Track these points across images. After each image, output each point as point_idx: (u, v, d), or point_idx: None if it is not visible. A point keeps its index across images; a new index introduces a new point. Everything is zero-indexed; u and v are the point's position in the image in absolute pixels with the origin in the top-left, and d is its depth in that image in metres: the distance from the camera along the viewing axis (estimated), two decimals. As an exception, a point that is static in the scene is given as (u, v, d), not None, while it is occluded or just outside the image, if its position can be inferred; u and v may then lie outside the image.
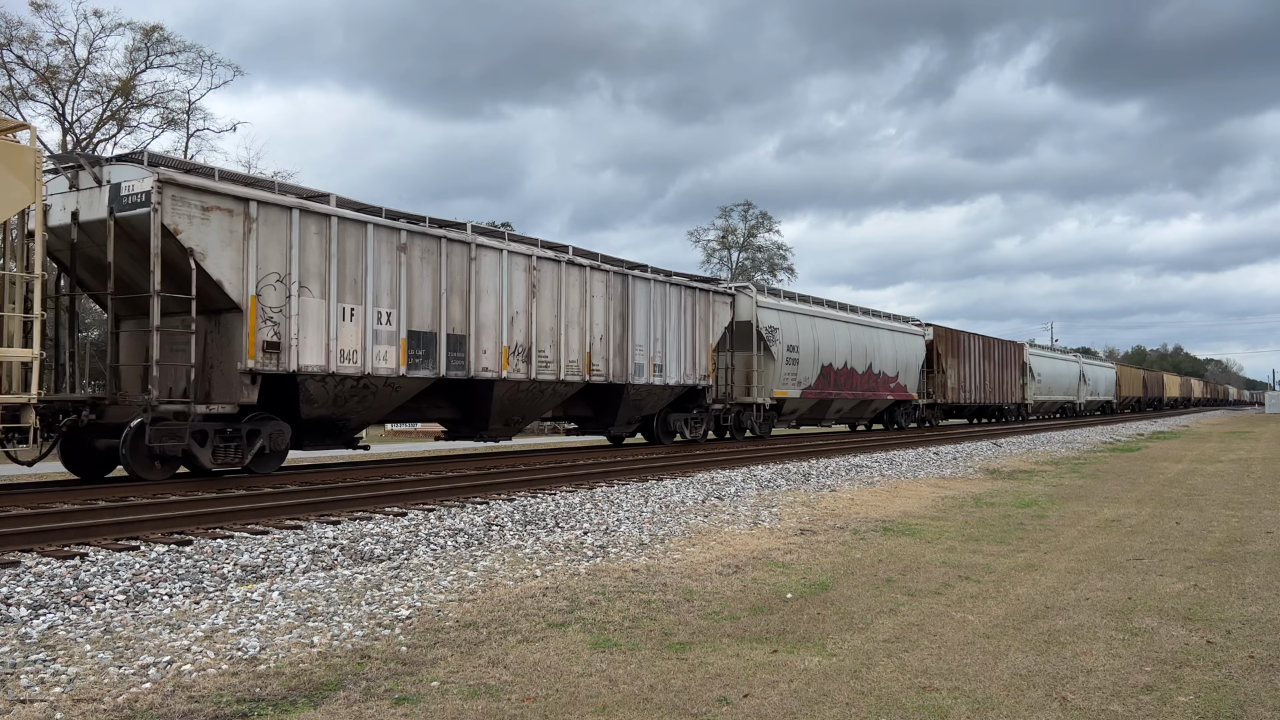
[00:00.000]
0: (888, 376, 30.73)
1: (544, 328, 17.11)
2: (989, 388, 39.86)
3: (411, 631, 5.70)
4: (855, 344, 28.57)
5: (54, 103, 34.23)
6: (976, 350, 38.58)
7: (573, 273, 17.98)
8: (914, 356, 32.83)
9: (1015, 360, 43.99)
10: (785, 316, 25.06)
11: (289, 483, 12.75)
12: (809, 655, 5.29)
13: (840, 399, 27.88)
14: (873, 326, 30.24)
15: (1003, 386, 41.75)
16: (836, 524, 10.44)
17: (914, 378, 32.73)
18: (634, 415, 20.39)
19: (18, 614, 5.95)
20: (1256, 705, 4.50)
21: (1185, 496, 13.66)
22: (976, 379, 38.33)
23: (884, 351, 30.51)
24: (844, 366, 27.74)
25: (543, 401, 17.69)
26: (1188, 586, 7.23)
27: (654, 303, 20.15)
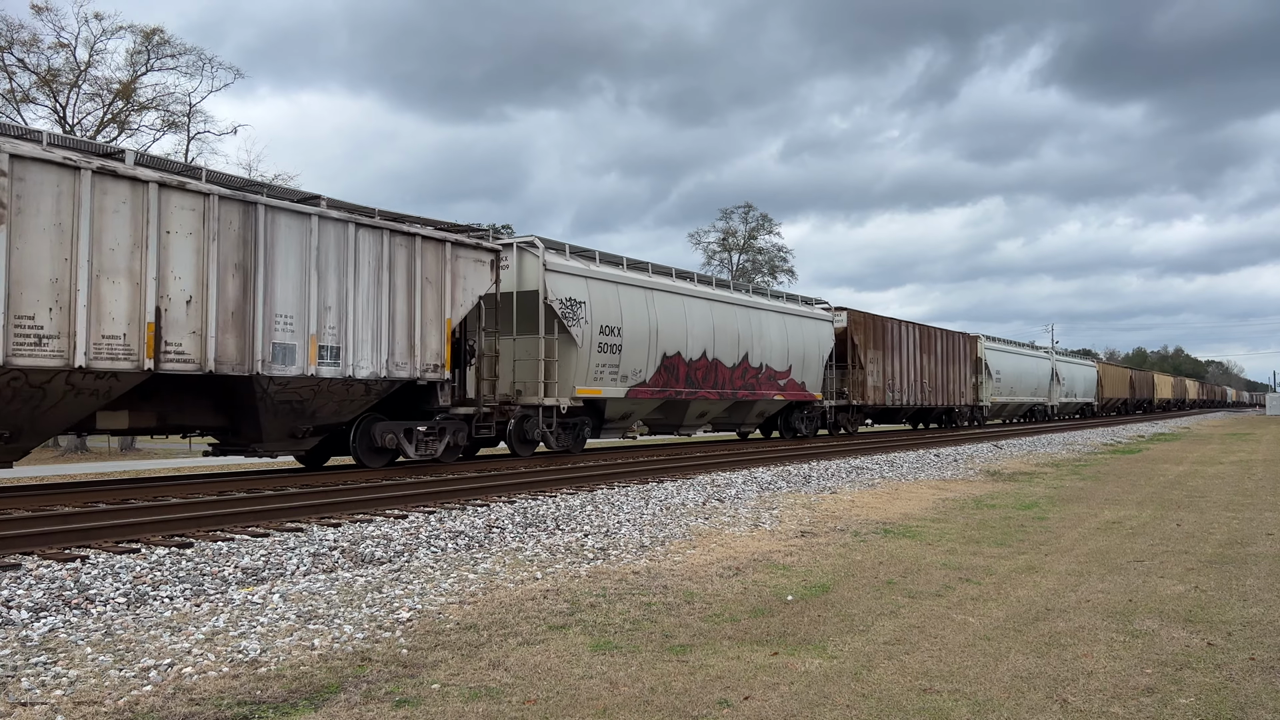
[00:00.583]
0: (775, 372, 24.27)
1: (34, 280, 10.03)
2: (929, 387, 33.88)
3: (412, 634, 5.70)
4: (722, 329, 22.20)
5: (55, 106, 34.27)
6: (910, 342, 32.32)
7: (116, 193, 10.73)
8: (816, 347, 26.35)
9: (965, 355, 37.76)
10: (598, 287, 18.43)
11: (289, 485, 12.75)
12: (810, 657, 5.29)
13: (700, 400, 21.56)
14: (750, 307, 23.65)
15: (949, 385, 35.67)
16: (837, 526, 10.44)
17: (816, 373, 26.36)
18: (298, 425, 13.25)
19: (19, 616, 5.95)
20: (1257, 707, 4.50)
21: (1186, 498, 13.65)
22: (910, 376, 32.11)
23: (769, 340, 24.02)
24: (702, 358, 21.35)
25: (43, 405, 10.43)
26: (1188, 588, 7.23)
27: (322, 252, 13.04)
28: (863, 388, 29.01)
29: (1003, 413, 44.53)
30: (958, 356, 36.78)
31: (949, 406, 36.23)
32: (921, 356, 33.27)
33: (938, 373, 34.70)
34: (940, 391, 34.98)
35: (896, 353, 31.28)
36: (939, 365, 34.75)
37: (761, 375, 23.93)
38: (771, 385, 24.41)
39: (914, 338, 32.90)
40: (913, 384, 32.59)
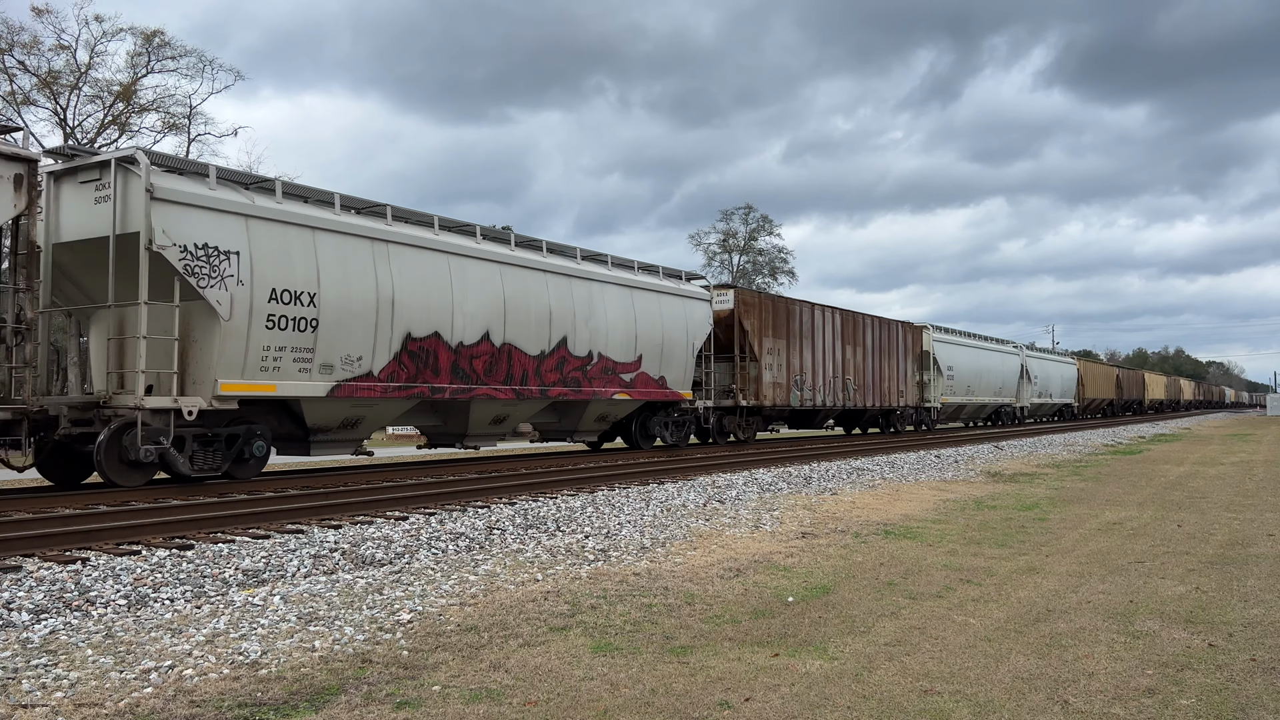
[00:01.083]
0: (614, 363, 18.72)
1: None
2: (857, 384, 28.31)
3: (413, 635, 5.70)
4: (519, 303, 16.31)
5: (55, 108, 34.31)
6: (827, 330, 26.72)
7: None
8: (683, 334, 20.83)
9: (907, 347, 32.20)
10: (268, 232, 12.60)
11: (290, 487, 12.75)
12: (810, 659, 5.29)
13: (485, 400, 15.82)
14: (573, 277, 17.85)
15: (883, 383, 30.21)
16: (838, 527, 10.44)
17: (683, 367, 20.81)
18: None
19: (19, 619, 5.95)
20: (1258, 708, 4.50)
21: (1187, 499, 13.65)
22: (828, 371, 26.55)
23: (605, 322, 18.44)
24: (483, 342, 15.52)
25: None
26: (1189, 589, 7.22)
27: None
28: (757, 385, 23.10)
29: (959, 415, 39.16)
30: (895, 349, 31.28)
31: (885, 408, 30.80)
32: (844, 348, 27.65)
33: (868, 368, 29.12)
34: (872, 390, 29.45)
35: (807, 343, 25.55)
36: (870, 359, 29.27)
37: (592, 368, 18.13)
38: (610, 381, 18.64)
39: (833, 325, 27.11)
40: (831, 381, 26.82)
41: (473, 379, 15.51)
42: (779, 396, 24.25)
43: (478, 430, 16.70)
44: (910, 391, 32.63)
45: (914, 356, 33.05)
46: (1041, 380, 47.37)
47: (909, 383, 32.62)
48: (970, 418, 41.18)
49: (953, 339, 36.58)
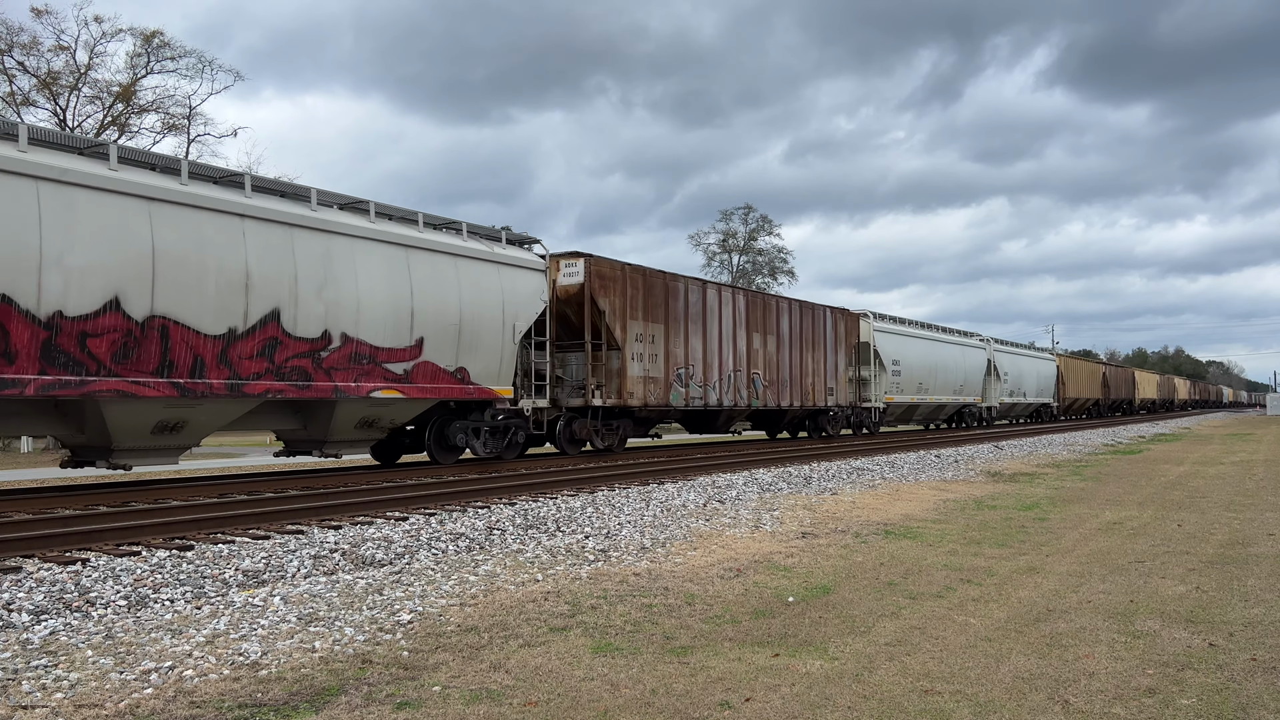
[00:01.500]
0: (376, 350, 13.88)
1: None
2: (769, 380, 23.89)
3: (413, 636, 5.70)
4: (194, 260, 11.64)
5: (55, 109, 34.30)
6: (727, 315, 22.18)
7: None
8: (497, 313, 15.88)
9: (839, 339, 27.61)
10: None
11: (290, 487, 12.75)
12: (811, 659, 5.29)
13: (121, 397, 10.94)
14: (305, 228, 13.06)
15: (806, 380, 25.65)
16: (838, 527, 10.44)
17: (497, 356, 15.93)
18: None
19: (19, 619, 5.95)
20: (1259, 708, 4.50)
21: (1187, 499, 13.65)
22: (728, 365, 22.19)
23: (361, 292, 13.63)
24: (106, 312, 10.69)
25: None
26: (1190, 589, 7.22)
27: None
28: (620, 380, 18.46)
29: (912, 417, 34.46)
30: (822, 339, 26.74)
31: (810, 408, 26.35)
32: (751, 337, 23.18)
33: (785, 361, 24.67)
34: (790, 387, 24.91)
35: (696, 329, 21.11)
36: (788, 350, 24.80)
37: (332, 355, 13.21)
38: (367, 373, 13.69)
39: (734, 309, 22.64)
40: (733, 376, 22.40)
41: (89, 367, 10.55)
42: (654, 394, 19.51)
43: (129, 444, 11.67)
44: (843, 389, 27.94)
45: (848, 348, 28.35)
46: (1013, 378, 42.89)
47: (840, 379, 27.79)
48: (927, 419, 36.40)
49: (899, 329, 31.97)
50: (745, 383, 23.13)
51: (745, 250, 66.96)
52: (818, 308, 27.06)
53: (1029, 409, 46.91)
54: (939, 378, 34.39)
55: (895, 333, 31.64)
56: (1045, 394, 48.14)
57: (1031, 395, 45.83)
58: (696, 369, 21.26)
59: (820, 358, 26.81)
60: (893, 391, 30.87)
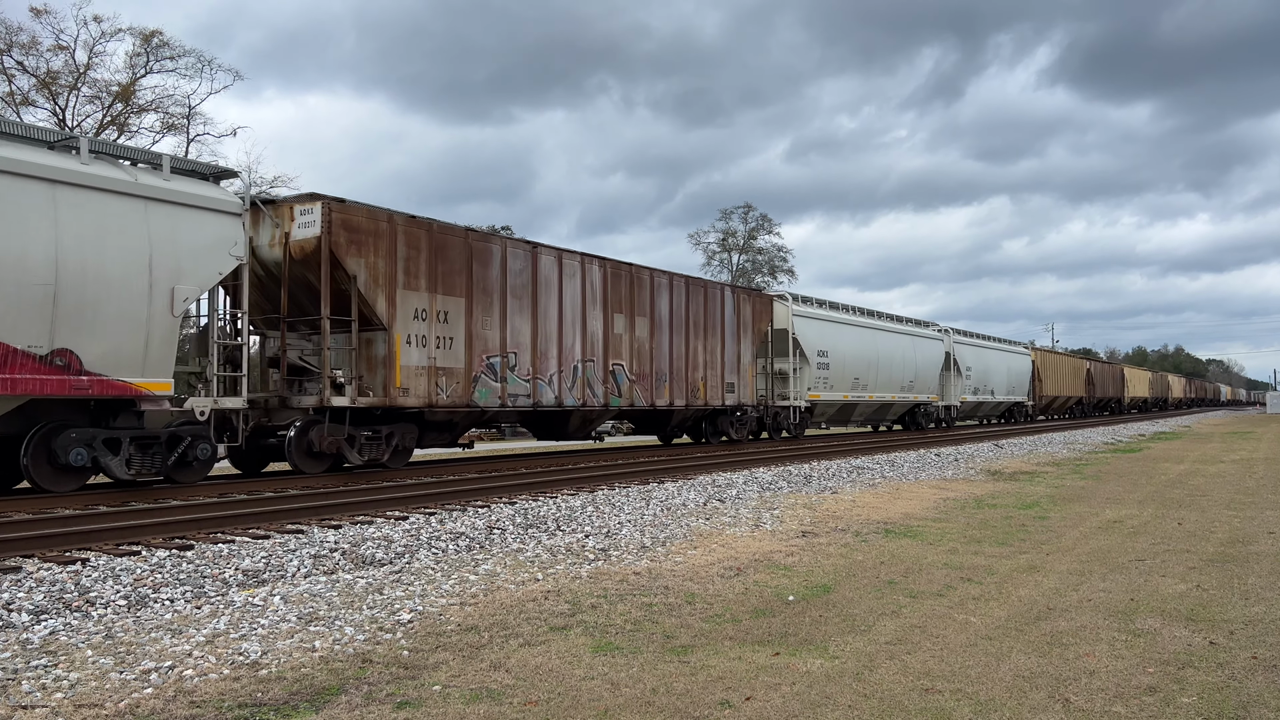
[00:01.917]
0: None
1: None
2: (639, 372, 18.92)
3: (413, 635, 5.70)
4: None
5: (54, 108, 34.28)
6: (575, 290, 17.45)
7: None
8: (137, 270, 10.92)
9: (744, 324, 22.76)
10: None
11: (290, 486, 12.75)
12: (811, 658, 5.28)
13: None
14: None
15: (696, 374, 20.79)
16: (838, 526, 10.43)
17: (136, 337, 10.89)
18: None
19: (19, 619, 5.94)
20: (1260, 706, 4.49)
21: (1187, 497, 13.64)
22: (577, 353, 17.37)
23: None
24: None
25: None
26: (1190, 587, 7.22)
27: None
28: (387, 372, 13.78)
29: (849, 417, 29.47)
30: (720, 325, 21.85)
31: (702, 407, 21.33)
32: (611, 319, 18.21)
33: (665, 351, 19.78)
34: (673, 383, 20.04)
35: (520, 306, 16.02)
36: (670, 337, 19.99)
37: None
38: None
39: (583, 283, 17.53)
40: (580, 368, 17.30)
41: None
42: (446, 391, 14.64)
43: None
44: (748, 385, 22.95)
45: (756, 336, 23.49)
46: (978, 374, 38.06)
47: (745, 373, 22.80)
48: (871, 420, 31.61)
49: (828, 315, 27.22)
50: (602, 376, 17.96)
51: (745, 249, 66.96)
52: (713, 285, 22.42)
53: (999, 409, 42.49)
54: (882, 373, 29.56)
55: (822, 319, 26.67)
56: (1018, 392, 43.60)
57: (1001, 393, 41.13)
58: (521, 358, 15.96)
59: (716, 346, 21.82)
60: (819, 388, 25.81)
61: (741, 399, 22.85)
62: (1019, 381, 43.40)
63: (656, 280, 20.06)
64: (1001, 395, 41.02)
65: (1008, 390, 41.76)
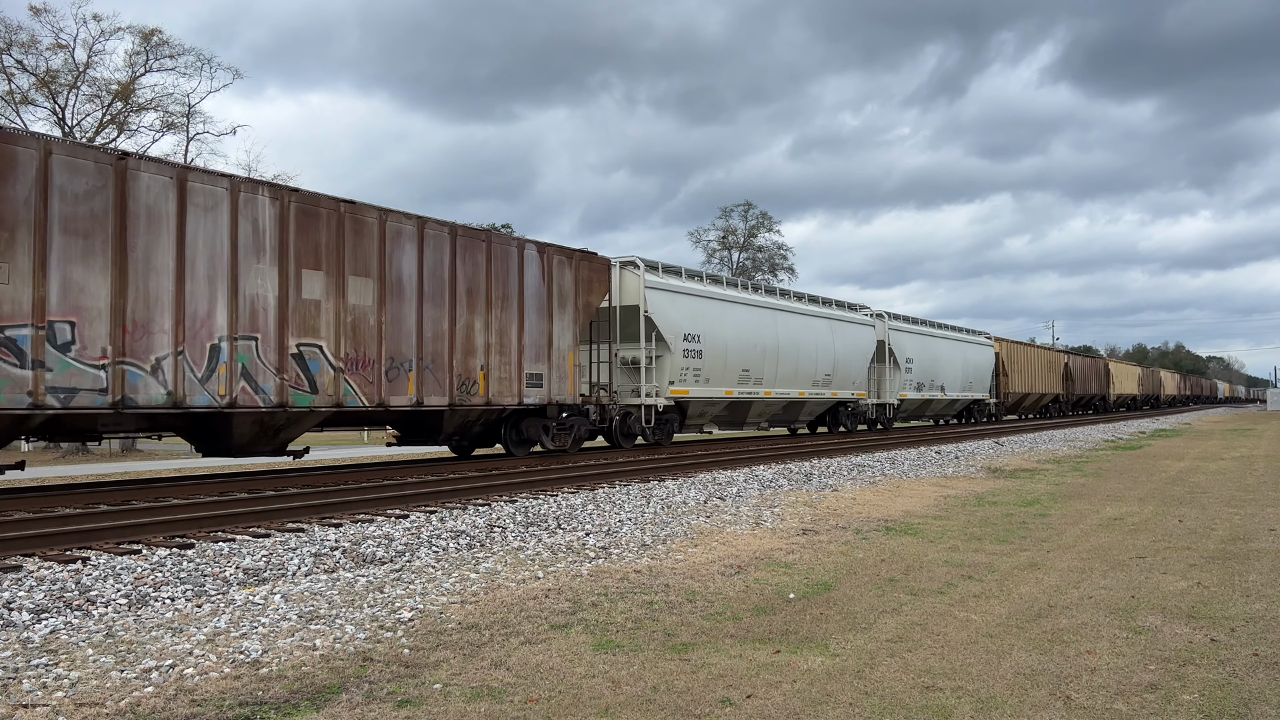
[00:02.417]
0: None
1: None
2: (351, 355, 13.32)
3: (414, 634, 5.69)
4: None
5: (54, 107, 34.26)
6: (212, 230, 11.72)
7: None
8: None
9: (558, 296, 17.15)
10: None
11: (291, 485, 12.75)
12: (812, 655, 5.28)
13: None
14: None
15: (470, 361, 15.36)
16: (839, 524, 10.43)
17: None
18: None
19: (20, 618, 5.94)
20: (1261, 703, 4.49)
21: (1188, 494, 13.64)
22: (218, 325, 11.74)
23: None
24: None
25: None
26: (1191, 584, 7.22)
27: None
28: None
29: (743, 419, 24.00)
30: (516, 297, 16.21)
31: (486, 406, 15.71)
32: (291, 276, 12.72)
33: (412, 326, 14.40)
34: (433, 373, 14.67)
35: (82, 247, 10.56)
36: (421, 309, 14.51)
37: None
38: None
39: (230, 218, 11.99)
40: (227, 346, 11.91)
41: None
42: None
43: None
44: (564, 378, 17.11)
45: (582, 313, 17.60)
46: (923, 367, 32.70)
47: (559, 361, 16.98)
48: (779, 421, 26.03)
49: (696, 289, 21.42)
50: (276, 362, 12.51)
51: (745, 247, 66.96)
52: (504, 240, 16.35)
53: (953, 407, 37.25)
54: (785, 364, 24.25)
55: (691, 294, 21.20)
56: (979, 388, 38.35)
57: (956, 389, 35.60)
58: (87, 330, 10.59)
59: (510, 324, 16.03)
60: (688, 382, 20.65)
61: (556, 395, 17.04)
62: (980, 376, 38.33)
63: (393, 226, 14.09)
64: (956, 391, 35.72)
65: (964, 386, 36.58)
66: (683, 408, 21.22)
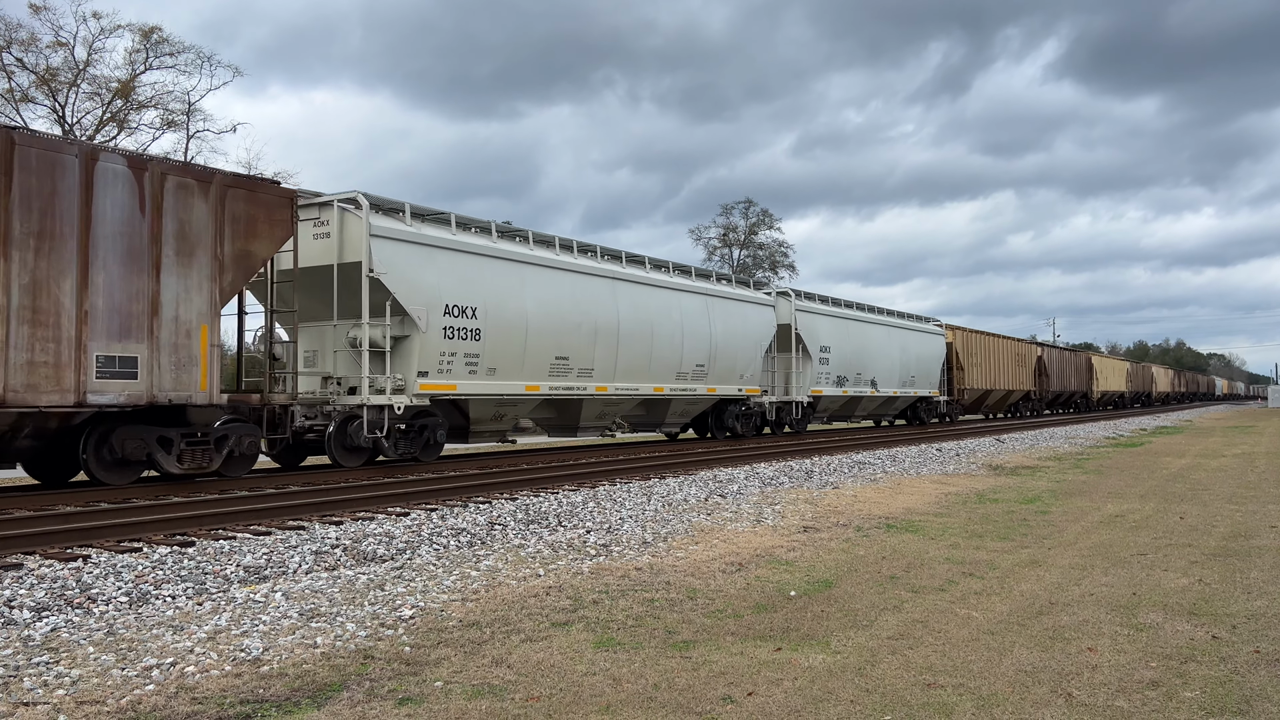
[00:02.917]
0: None
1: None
2: None
3: (415, 631, 5.69)
4: None
5: (54, 105, 34.26)
6: None
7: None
8: None
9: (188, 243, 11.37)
10: None
11: (291, 483, 12.75)
12: (813, 653, 5.28)
13: None
14: None
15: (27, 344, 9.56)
16: (840, 521, 10.43)
17: None
18: None
19: (21, 616, 5.94)
20: (1262, 700, 4.49)
21: (1189, 491, 13.64)
22: None
23: None
24: None
25: None
26: (1192, 581, 7.21)
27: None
28: None
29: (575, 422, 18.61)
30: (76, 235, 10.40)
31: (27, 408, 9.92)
32: None
33: None
34: None
35: None
36: None
37: None
38: None
39: None
40: None
41: None
42: None
43: None
44: (187, 365, 11.58)
45: (229, 269, 12.08)
46: (845, 358, 27.58)
47: (179, 339, 11.50)
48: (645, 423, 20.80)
49: (467, 244, 15.54)
50: None
51: (745, 244, 66.93)
52: (68, 149, 10.68)
53: (891, 406, 31.84)
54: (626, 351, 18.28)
55: (459, 248, 15.27)
56: (923, 384, 32.86)
57: (894, 385, 30.58)
58: None
59: (65, 277, 10.49)
60: (454, 373, 15.07)
61: (169, 390, 11.46)
62: (926, 369, 33.03)
63: None
64: (894, 388, 30.70)
65: (903, 381, 31.34)
66: (463, 409, 15.99)
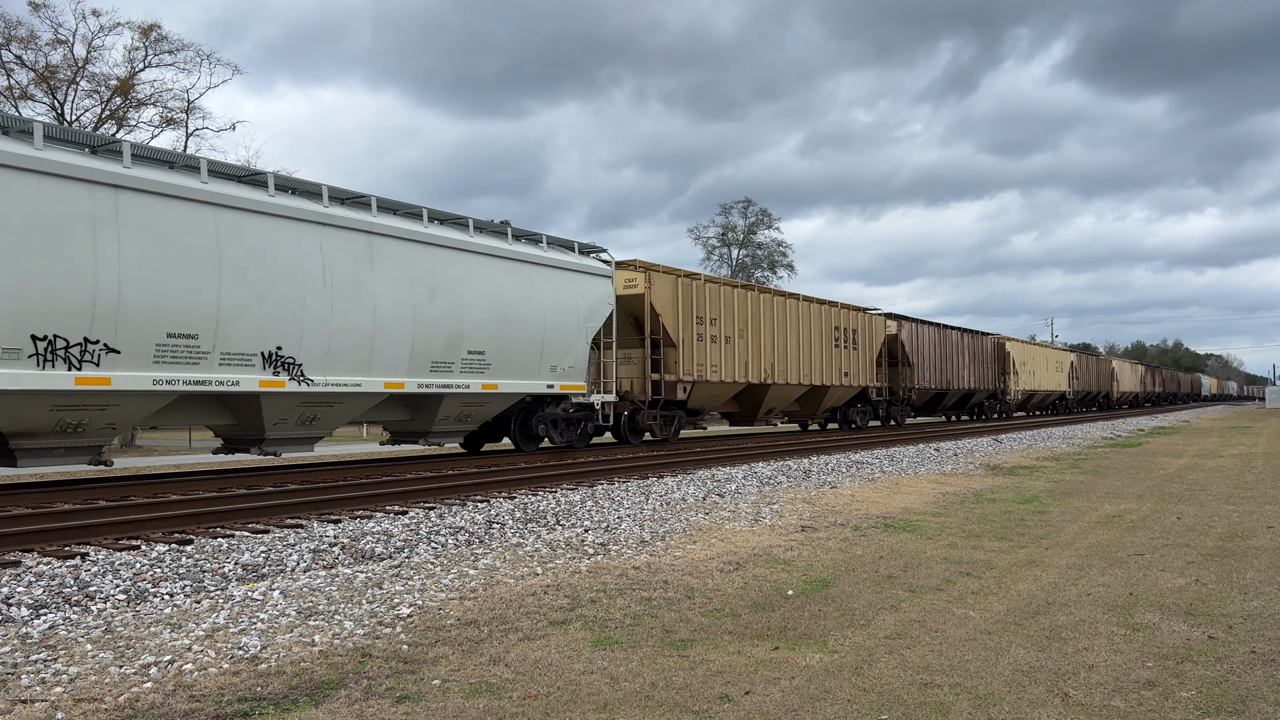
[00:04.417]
0: None
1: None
2: None
3: (413, 630, 5.70)
4: None
5: (53, 102, 34.21)
6: None
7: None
8: None
9: None
10: None
11: (290, 481, 12.75)
12: (810, 652, 5.28)
13: None
14: None
15: None
16: (837, 520, 10.44)
17: None
18: None
19: (19, 614, 5.94)
20: (1259, 700, 4.50)
21: (1186, 491, 13.65)
22: None
23: None
24: None
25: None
26: (1189, 582, 7.22)
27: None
28: None
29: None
30: None
31: None
32: None
33: None
34: None
35: None
36: None
37: None
38: None
39: None
40: None
41: None
42: None
43: None
44: None
45: None
46: None
47: None
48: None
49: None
50: None
51: (745, 244, 66.91)
52: None
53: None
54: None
55: None
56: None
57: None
58: None
59: None
60: None
61: None
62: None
63: None
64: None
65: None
66: None
